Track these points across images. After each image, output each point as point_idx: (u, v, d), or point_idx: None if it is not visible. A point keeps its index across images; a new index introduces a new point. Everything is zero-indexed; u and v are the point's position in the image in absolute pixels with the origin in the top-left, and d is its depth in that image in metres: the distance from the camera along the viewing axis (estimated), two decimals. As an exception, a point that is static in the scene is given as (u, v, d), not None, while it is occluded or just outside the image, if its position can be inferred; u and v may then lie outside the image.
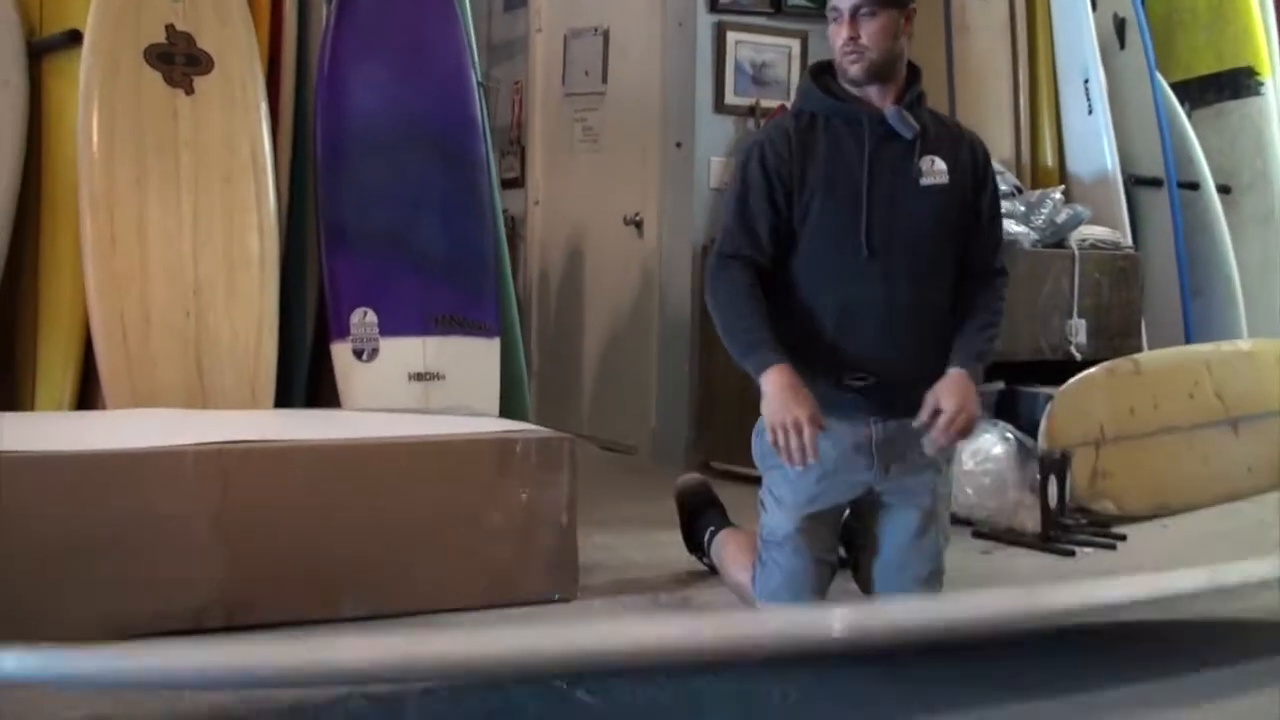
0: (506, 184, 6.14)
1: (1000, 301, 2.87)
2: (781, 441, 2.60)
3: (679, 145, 5.10)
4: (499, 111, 6.25)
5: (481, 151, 3.96)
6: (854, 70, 2.76)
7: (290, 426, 3.14)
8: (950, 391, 2.69)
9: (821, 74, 2.88)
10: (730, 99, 5.06)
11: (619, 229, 5.39)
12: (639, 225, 5.31)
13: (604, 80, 5.57)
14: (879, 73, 2.76)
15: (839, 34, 2.75)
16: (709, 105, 5.05)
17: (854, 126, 2.80)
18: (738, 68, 5.10)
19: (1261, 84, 5.37)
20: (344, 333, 3.66)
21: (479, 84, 4.05)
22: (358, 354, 3.67)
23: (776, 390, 2.63)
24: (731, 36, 5.06)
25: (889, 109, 2.78)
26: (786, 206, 2.76)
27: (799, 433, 2.59)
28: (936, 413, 2.68)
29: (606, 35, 5.55)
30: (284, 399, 3.69)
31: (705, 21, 5.04)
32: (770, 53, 5.14)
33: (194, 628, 2.69)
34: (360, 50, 3.81)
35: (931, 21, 5.13)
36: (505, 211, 5.94)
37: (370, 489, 2.87)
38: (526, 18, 6.07)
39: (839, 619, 2.14)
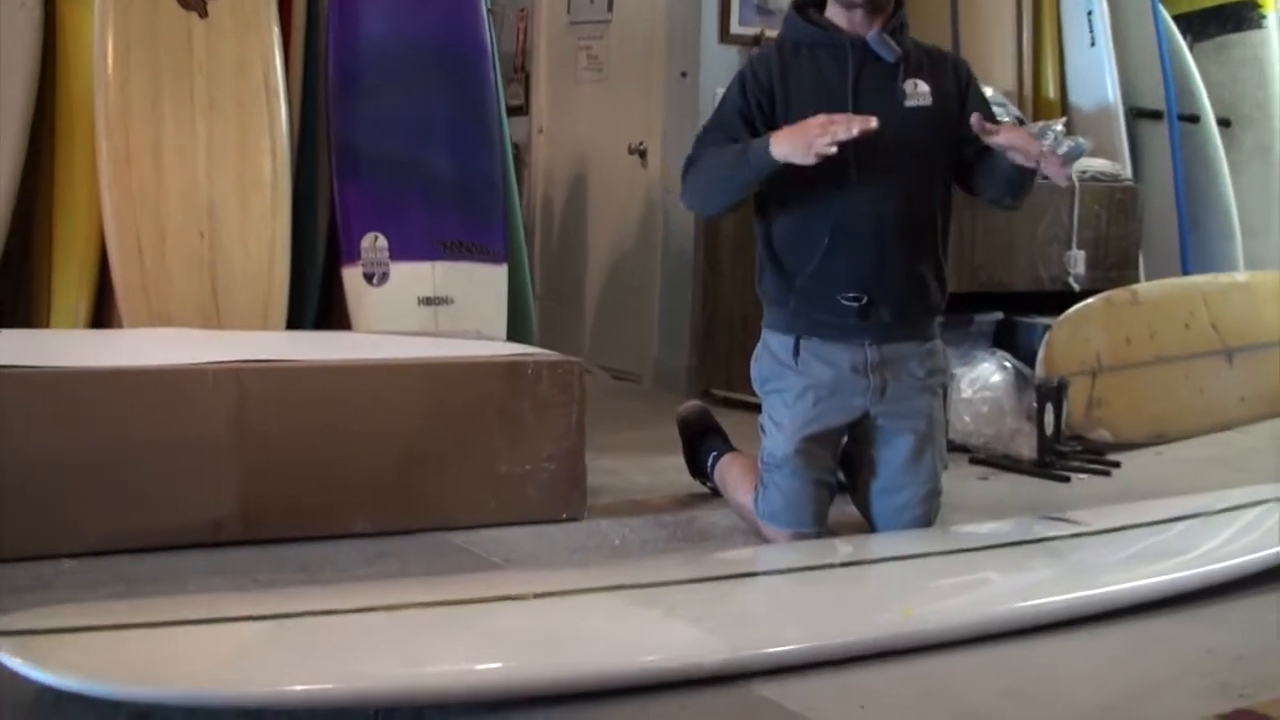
0: (511, 111, 6.09)
1: None
2: (826, 138, 2.57)
3: (684, 75, 5.13)
4: (504, 39, 6.25)
5: (491, 78, 3.99)
6: (867, 3, 2.81)
7: (305, 347, 3.20)
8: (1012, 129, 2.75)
9: (806, 4, 2.93)
10: (735, 29, 5.07)
11: (623, 158, 5.43)
12: (643, 155, 5.35)
13: (609, 9, 5.58)
14: (877, 3, 2.82)
15: None
16: (714, 35, 5.07)
17: (837, 53, 2.85)
18: (743, -3, 5.11)
19: (1264, 17, 5.39)
20: (355, 257, 3.71)
21: (488, 10, 4.08)
22: (368, 278, 3.72)
23: (787, 133, 2.65)
24: (737, -35, 5.07)
25: (871, 34, 2.84)
26: (762, 123, 2.81)
27: (828, 126, 2.59)
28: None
29: (612, -38, 5.56)
30: (295, 321, 3.75)
31: (712, -50, 5.05)
32: (776, -18, 5.15)
33: (211, 540, 2.77)
34: (372, -25, 3.84)
35: (936, -46, 5.16)
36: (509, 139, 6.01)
37: (384, 409, 2.94)
38: (532, -55, 6.07)
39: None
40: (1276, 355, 4.90)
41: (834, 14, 2.89)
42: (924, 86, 2.86)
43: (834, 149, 2.58)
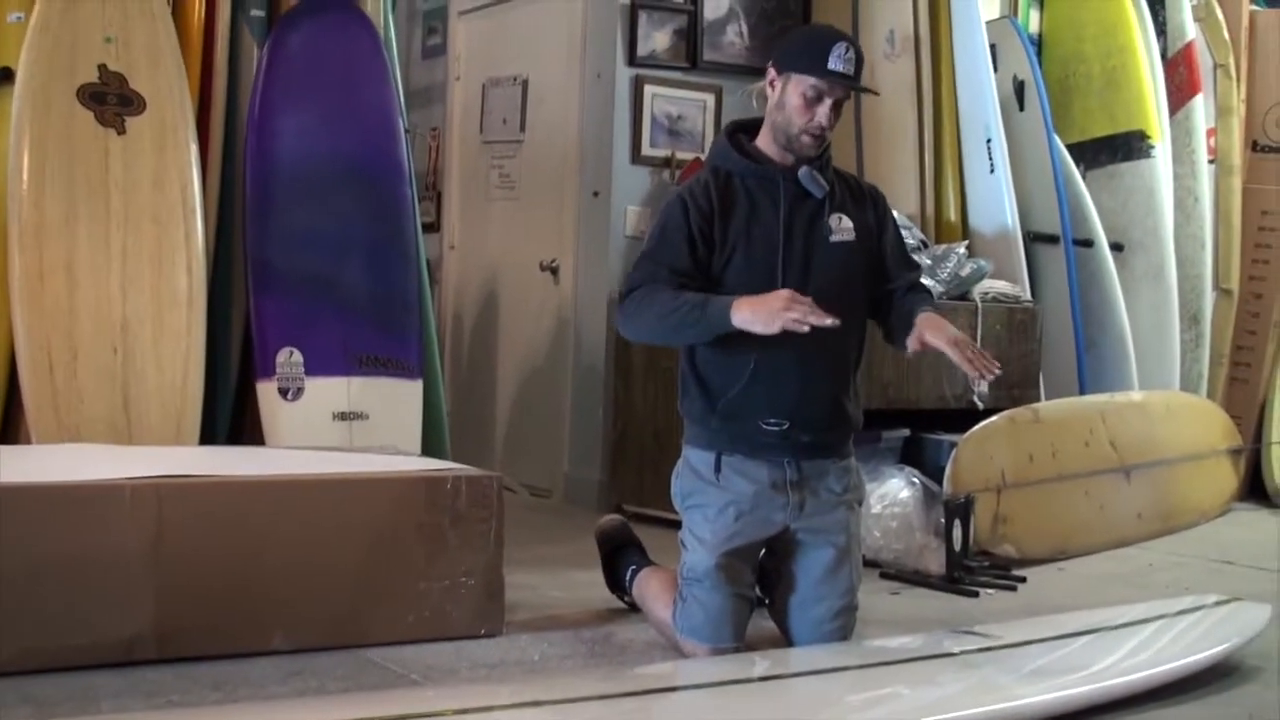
0: (422, 228, 6.20)
1: (925, 297, 3.04)
2: (794, 317, 2.66)
3: (596, 194, 5.22)
4: (416, 157, 6.31)
5: (407, 195, 4.06)
6: (813, 151, 2.91)
7: (221, 463, 3.18)
8: (936, 324, 2.85)
9: (735, 133, 3.03)
10: (646, 150, 5.18)
11: (535, 275, 5.49)
12: (555, 272, 5.42)
13: (522, 129, 5.68)
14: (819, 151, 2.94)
15: (813, 114, 2.86)
16: (626, 156, 5.17)
17: (769, 185, 2.94)
18: (654, 120, 5.22)
19: (1152, 147, 5.59)
20: (270, 372, 3.72)
21: (405, 129, 4.14)
22: (283, 393, 3.73)
23: (750, 303, 2.72)
24: (649, 89, 5.18)
25: (801, 170, 2.93)
26: (706, 259, 2.88)
27: (793, 304, 2.67)
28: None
29: (525, 85, 5.66)
30: (208, 437, 3.74)
31: (624, 74, 5.16)
32: (686, 106, 5.27)
33: (125, 660, 2.72)
34: (290, 94, 3.90)
35: (841, 80, 5.29)
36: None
37: (302, 525, 2.92)
38: (445, 65, 6.16)
39: None
40: (1170, 473, 5.05)
41: (766, 145, 2.97)
42: (848, 222, 2.96)
43: (802, 327, 2.66)
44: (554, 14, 5.49)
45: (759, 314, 2.70)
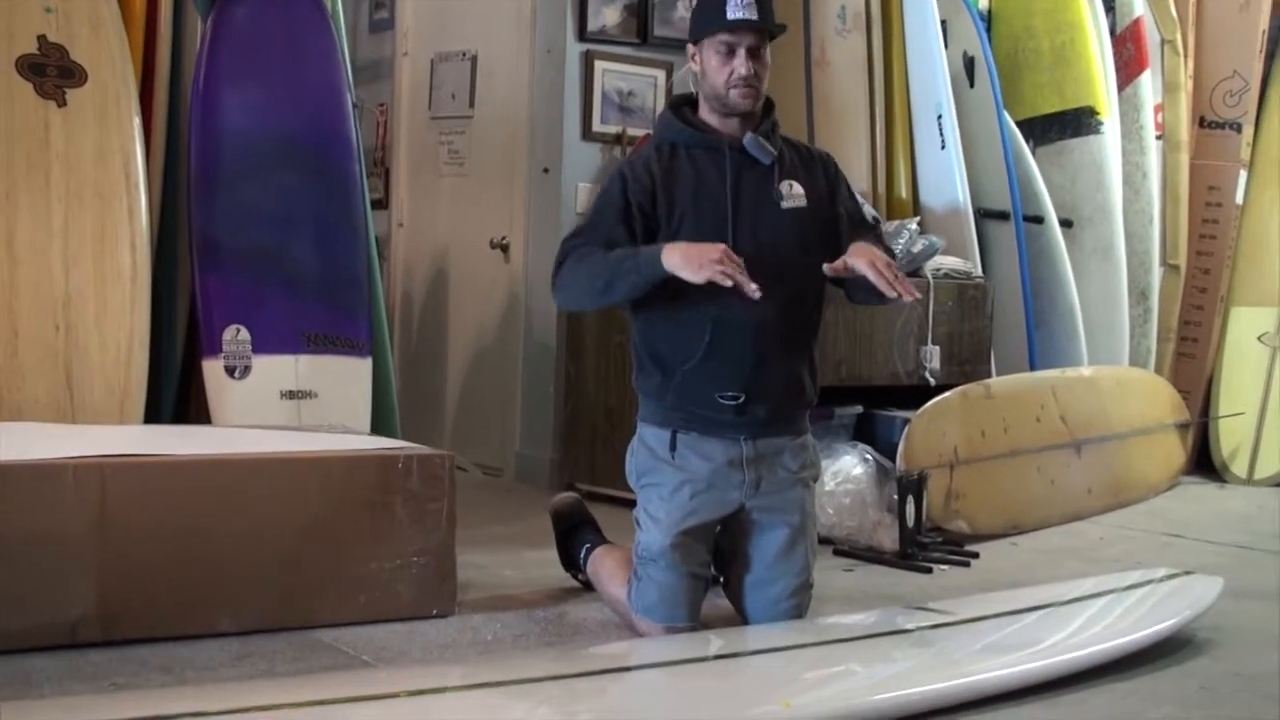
0: (371, 205, 6.13)
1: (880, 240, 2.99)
2: (722, 270, 2.62)
3: (546, 171, 5.17)
4: (364, 133, 6.23)
5: (355, 171, 4.00)
6: (745, 104, 2.87)
7: (166, 442, 3.13)
8: (861, 250, 2.78)
9: (680, 106, 3.00)
10: (597, 126, 5.14)
11: (485, 252, 5.44)
12: (505, 249, 5.37)
13: (471, 105, 5.62)
14: (757, 110, 2.89)
15: (731, 67, 2.84)
16: (576, 132, 5.12)
17: (715, 155, 2.91)
18: (604, 96, 5.17)
19: (1101, 123, 5.60)
20: (216, 350, 3.66)
21: (353, 104, 4.08)
22: (230, 371, 3.67)
23: (682, 248, 2.69)
24: (599, 65, 5.14)
25: (747, 137, 2.90)
26: (644, 233, 2.85)
27: (725, 259, 2.63)
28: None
29: (474, 60, 5.60)
30: (153, 416, 3.68)
31: (574, 50, 5.11)
32: (636, 82, 5.23)
33: (68, 643, 2.67)
34: (235, 67, 3.84)
35: (792, 56, 5.28)
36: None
37: (250, 504, 2.88)
38: (393, 40, 6.08)
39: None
40: (1120, 447, 5.08)
41: (709, 116, 2.95)
42: (798, 188, 2.94)
43: (726, 281, 2.62)
44: (503, -13, 5.44)
45: (690, 259, 2.66)
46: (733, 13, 2.83)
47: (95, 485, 2.69)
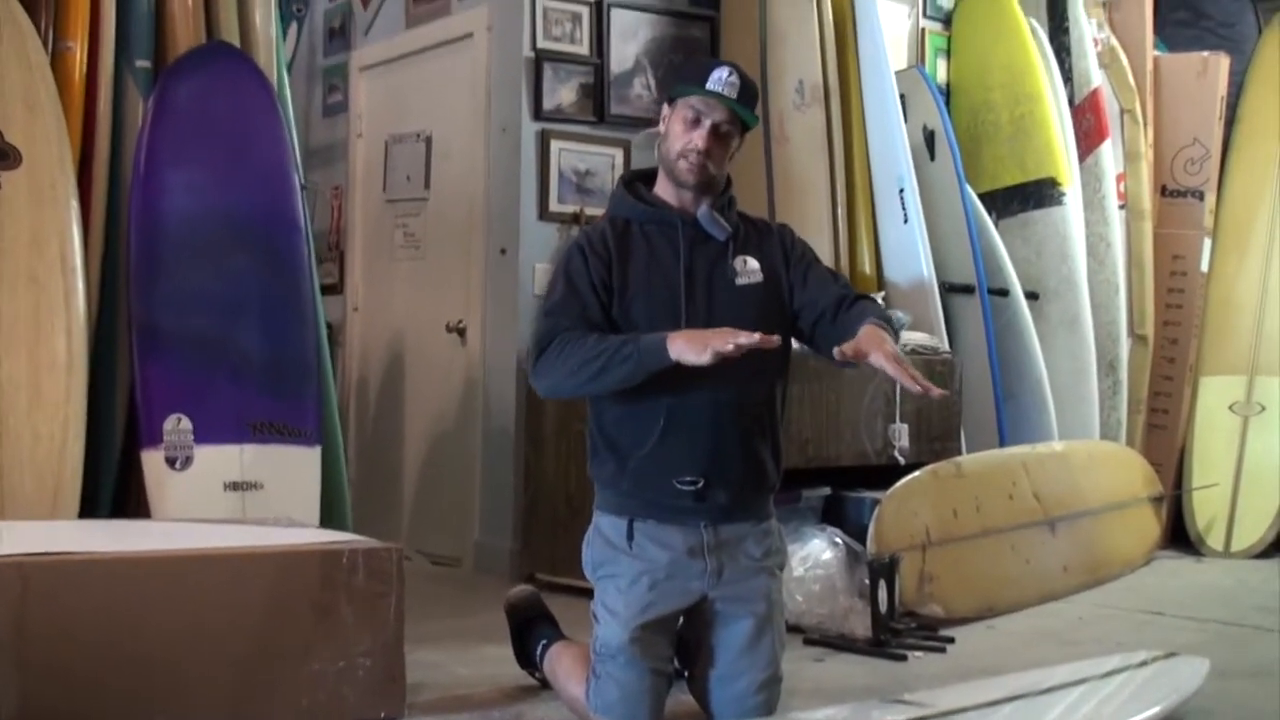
0: (324, 290, 5.99)
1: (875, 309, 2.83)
2: (730, 345, 2.50)
3: (503, 252, 5.06)
4: (318, 216, 6.15)
5: (303, 253, 3.88)
6: (688, 177, 2.76)
7: (98, 537, 2.97)
8: (877, 337, 2.60)
9: (633, 182, 2.89)
10: (554, 206, 5.04)
11: (441, 336, 5.32)
12: (462, 333, 5.25)
13: (426, 186, 5.53)
14: (708, 185, 2.78)
15: (690, 137, 2.74)
16: (533, 212, 5.02)
17: (668, 230, 2.80)
18: (561, 175, 5.08)
19: (1063, 194, 5.57)
20: (156, 440, 3.52)
21: (301, 185, 3.97)
22: (170, 462, 3.52)
23: (685, 337, 2.57)
24: (555, 144, 5.05)
25: (701, 211, 2.79)
26: (607, 303, 2.74)
27: (726, 337, 2.51)
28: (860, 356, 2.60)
29: (429, 141, 5.52)
30: (89, 509, 3.53)
31: (529, 129, 5.02)
32: (594, 161, 5.14)
33: (-11, 755, 2.50)
34: (178, 147, 3.73)
35: (751, 132, 5.21)
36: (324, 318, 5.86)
37: (183, 603, 2.72)
38: (346, 123, 6.00)
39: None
40: (1095, 523, 4.97)
41: (664, 190, 2.84)
42: (754, 263, 2.82)
43: (730, 348, 2.50)
44: (457, 68, 5.36)
45: (693, 342, 2.55)
46: (713, 84, 2.73)
47: (16, 585, 2.53)
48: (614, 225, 2.82)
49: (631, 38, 5.20)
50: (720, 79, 2.73)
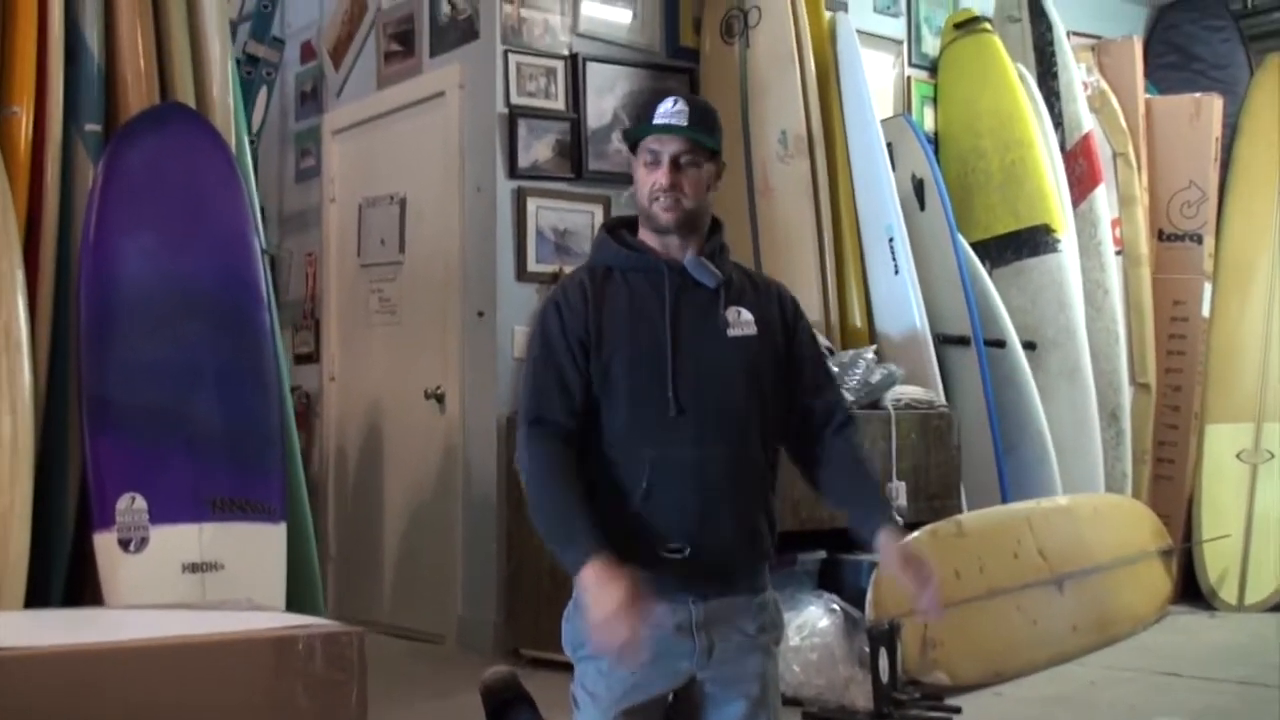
0: (300, 359, 5.87)
1: (863, 453, 2.67)
2: (604, 643, 2.33)
3: (480, 314, 4.89)
4: (292, 285, 6.00)
5: (265, 321, 3.69)
6: (666, 218, 2.57)
7: (40, 630, 2.76)
8: (907, 554, 2.46)
9: (617, 228, 2.70)
10: (533, 266, 4.87)
11: (419, 403, 5.14)
12: (440, 399, 5.06)
13: (401, 249, 5.37)
14: (688, 223, 2.58)
15: (654, 179, 2.56)
16: (510, 273, 4.85)
17: (653, 277, 2.59)
18: (539, 234, 4.92)
19: (1058, 241, 5.44)
20: (108, 522, 3.32)
21: (263, 250, 3.79)
22: (124, 544, 3.33)
23: (598, 579, 2.36)
24: (532, 202, 4.89)
25: (689, 258, 2.60)
26: (585, 365, 2.55)
27: (623, 627, 2.32)
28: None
29: (403, 203, 5.37)
30: (40, 597, 3.32)
31: (505, 187, 4.87)
32: (572, 218, 4.99)
33: None
34: (130, 212, 3.55)
35: (733, 183, 5.08)
36: (299, 389, 5.70)
37: (131, 698, 2.50)
38: (320, 187, 5.85)
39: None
40: (1103, 580, 4.78)
41: (648, 238, 2.65)
42: (747, 314, 2.61)
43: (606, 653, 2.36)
44: (430, 127, 5.21)
45: (597, 602, 2.33)
46: (660, 118, 2.55)
47: (-62, 688, 2.33)
48: (593, 274, 2.63)
49: (608, 91, 5.07)
50: (667, 111, 2.55)
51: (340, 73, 5.71)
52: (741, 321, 2.59)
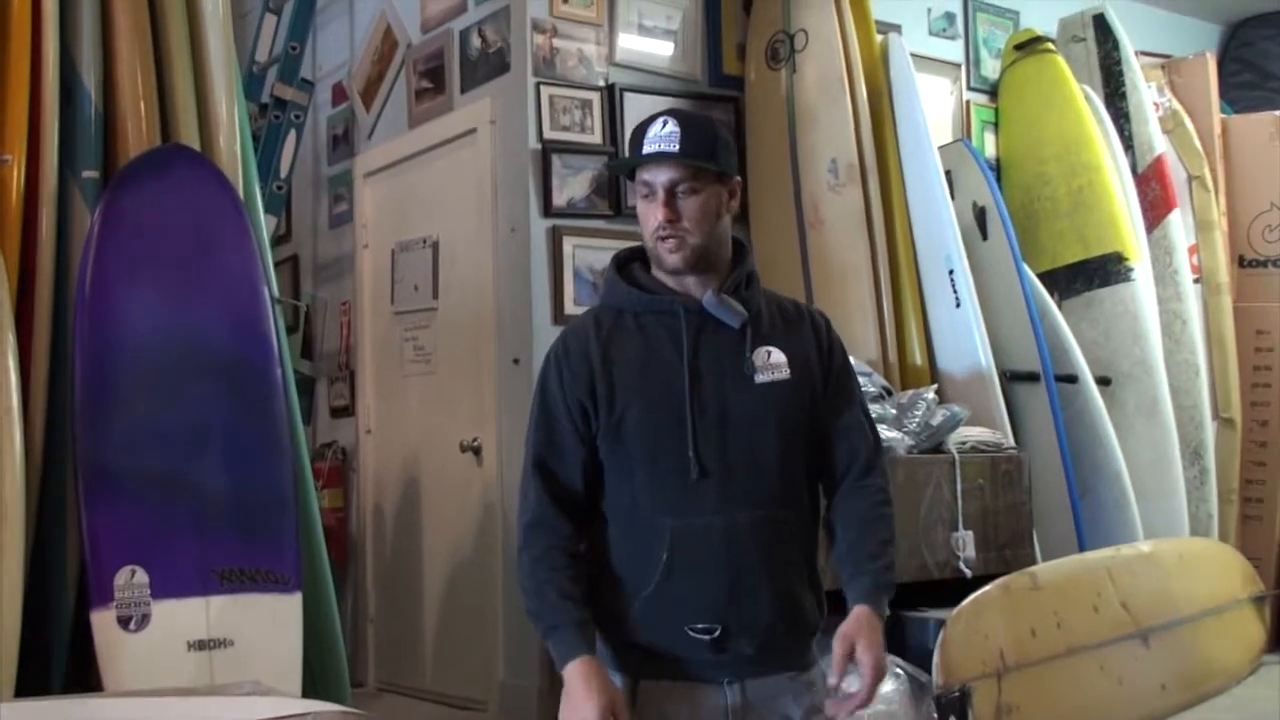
0: (336, 412, 5.66)
1: (885, 508, 2.35)
2: None
3: (516, 361, 4.64)
4: (326, 335, 5.79)
5: (276, 375, 3.46)
6: (672, 260, 2.27)
7: (17, 725, 2.52)
8: (866, 640, 2.21)
9: (628, 262, 2.41)
10: (570, 309, 4.60)
11: (456, 456, 4.89)
12: (477, 452, 4.81)
13: (434, 295, 5.14)
14: (700, 260, 2.29)
15: (653, 214, 2.27)
16: (547, 316, 4.59)
17: (669, 320, 2.30)
18: (577, 275, 4.66)
19: (1131, 269, 5.14)
20: (107, 598, 3.09)
21: (273, 300, 3.56)
22: (124, 622, 3.09)
23: (582, 685, 2.16)
24: (569, 241, 4.64)
25: (707, 297, 2.30)
26: (586, 430, 2.27)
27: None
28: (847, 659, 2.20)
29: (436, 246, 5.14)
30: (39, 682, 3.09)
31: (539, 226, 4.62)
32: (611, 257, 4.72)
33: None
34: (129, 263, 3.35)
35: (783, 216, 4.83)
36: (334, 444, 5.47)
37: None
38: (353, 233, 5.64)
39: None
40: (1192, 632, 4.43)
41: (659, 274, 2.37)
42: (779, 355, 2.30)
43: None
44: (461, 166, 4.98)
45: (574, 710, 2.16)
46: (650, 146, 2.26)
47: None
48: (601, 318, 2.35)
49: (647, 124, 4.81)
50: (656, 136, 2.26)
51: (371, 113, 5.51)
52: (772, 364, 2.29)
